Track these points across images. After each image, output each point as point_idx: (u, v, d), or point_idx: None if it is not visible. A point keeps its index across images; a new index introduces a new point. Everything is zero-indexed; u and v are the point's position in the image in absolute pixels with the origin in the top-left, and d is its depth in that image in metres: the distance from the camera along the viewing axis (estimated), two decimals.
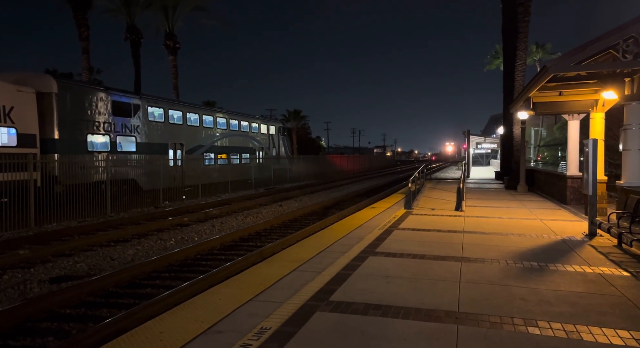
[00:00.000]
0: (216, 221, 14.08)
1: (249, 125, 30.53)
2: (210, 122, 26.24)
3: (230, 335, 3.87)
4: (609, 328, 4.00)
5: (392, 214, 11.39)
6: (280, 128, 35.58)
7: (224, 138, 27.44)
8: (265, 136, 32.66)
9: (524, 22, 20.47)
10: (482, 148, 55.84)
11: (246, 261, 8.21)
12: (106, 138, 19.18)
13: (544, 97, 13.33)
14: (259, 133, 31.87)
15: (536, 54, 49.82)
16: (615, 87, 9.71)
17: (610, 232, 7.87)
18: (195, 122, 24.95)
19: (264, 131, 32.72)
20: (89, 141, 18.40)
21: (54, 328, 5.60)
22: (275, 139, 34.47)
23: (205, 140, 25.53)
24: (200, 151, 24.88)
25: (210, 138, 26.11)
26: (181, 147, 23.48)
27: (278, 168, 31.02)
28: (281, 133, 35.65)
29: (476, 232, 8.86)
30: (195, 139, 24.60)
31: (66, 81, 21.89)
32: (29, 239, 10.75)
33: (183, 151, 23.55)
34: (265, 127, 32.87)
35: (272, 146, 33.72)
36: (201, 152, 24.95)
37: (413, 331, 3.95)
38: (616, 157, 14.38)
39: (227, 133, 27.83)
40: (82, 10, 28.29)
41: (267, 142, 32.84)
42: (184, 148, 23.63)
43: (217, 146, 26.73)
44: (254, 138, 31.09)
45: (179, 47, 35.94)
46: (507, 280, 5.50)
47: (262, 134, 32.21)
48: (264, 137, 32.46)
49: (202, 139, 25.26)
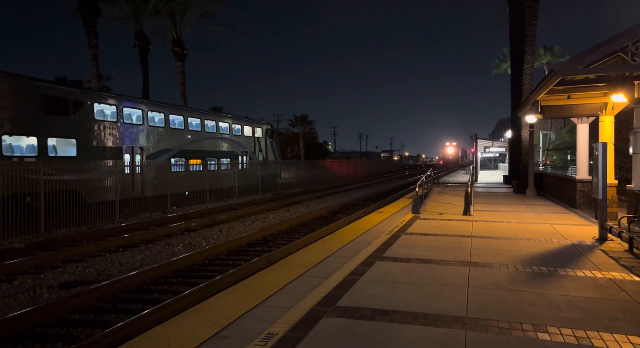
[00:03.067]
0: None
1: (229, 127, 27.09)
2: (180, 123, 22.97)
3: (238, 341, 3.87)
4: (620, 334, 3.94)
5: (400, 219, 11.34)
6: (267, 130, 31.85)
7: (197, 141, 24.09)
8: (249, 139, 29.21)
9: (532, 26, 20.38)
10: (490, 151, 55.56)
11: (253, 266, 8.21)
12: (32, 140, 15.52)
13: (552, 101, 13.24)
14: (242, 135, 28.40)
15: (544, 58, 49.57)
16: (624, 90, 9.62)
17: (621, 237, 7.77)
18: (161, 123, 21.53)
19: (248, 133, 29.18)
20: (5, 143, 14.64)
21: (63, 333, 5.64)
22: (262, 142, 30.87)
23: (173, 143, 22.18)
24: (165, 156, 21.54)
25: (179, 140, 22.75)
26: (141, 151, 20.10)
27: (267, 174, 28.80)
28: (269, 136, 31.97)
29: (484, 237, 8.79)
30: (159, 142, 21.22)
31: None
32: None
33: (143, 156, 20.16)
34: (249, 130, 29.33)
35: (259, 150, 30.26)
36: (167, 157, 21.63)
37: (421, 336, 3.92)
38: (626, 160, 14.23)
39: (201, 135, 24.43)
40: (92, 18, 28.62)
41: (252, 145, 29.43)
42: (144, 152, 20.23)
43: (189, 150, 23.34)
44: (236, 141, 27.62)
45: (187, 53, 36.24)
46: (516, 285, 5.45)
47: (245, 136, 28.75)
48: (248, 140, 29.02)
49: (169, 142, 21.88)
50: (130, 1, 31.86)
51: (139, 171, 19.45)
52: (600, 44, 8.72)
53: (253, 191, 25.67)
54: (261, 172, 27.65)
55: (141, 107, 20.58)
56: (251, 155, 29.12)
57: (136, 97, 21.90)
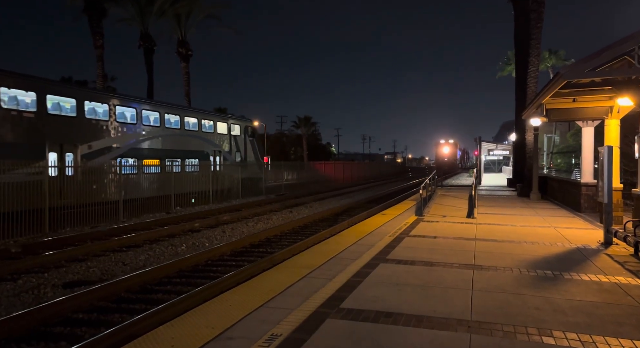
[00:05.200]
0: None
1: (198, 123, 23.71)
2: (131, 117, 19.45)
3: (241, 342, 3.86)
4: (626, 338, 3.92)
5: (403, 221, 11.32)
6: (247, 128, 28.33)
7: (155, 138, 20.53)
8: (224, 137, 25.84)
9: (537, 29, 20.36)
10: (494, 154, 55.55)
11: (256, 267, 8.21)
12: None
13: (557, 104, 13.21)
14: (215, 132, 25.02)
15: (549, 61, 49.51)
16: (630, 93, 9.59)
17: (627, 241, 7.72)
18: (103, 116, 17.96)
19: (222, 130, 25.77)
20: None
21: (67, 332, 5.65)
22: (240, 141, 27.49)
23: (120, 140, 18.67)
24: (109, 156, 18.04)
25: (130, 137, 19.17)
26: (73, 149, 16.56)
27: (247, 176, 26.07)
28: (249, 134, 28.39)
29: (488, 240, 8.76)
30: (101, 138, 17.73)
31: None
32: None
33: (77, 154, 16.60)
34: (223, 126, 25.91)
35: (236, 149, 26.88)
36: (112, 156, 18.20)
37: (425, 340, 3.91)
38: (632, 164, 14.16)
39: (161, 132, 20.84)
40: (98, 18, 28.78)
41: (227, 144, 26.10)
42: (79, 150, 16.66)
43: (144, 149, 19.85)
44: (207, 139, 24.29)
45: (191, 54, 36.38)
46: (521, 289, 5.42)
47: (219, 134, 25.39)
48: (222, 138, 25.68)
49: (113, 138, 18.32)
50: (135, 2, 32.04)
51: (72, 173, 15.73)
52: (606, 48, 8.70)
53: (229, 196, 23.19)
54: (240, 174, 24.97)
55: (75, 95, 16.97)
56: (226, 155, 25.78)
57: (69, 84, 18.70)
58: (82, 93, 17.62)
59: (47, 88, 15.91)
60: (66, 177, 15.19)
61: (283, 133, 78.08)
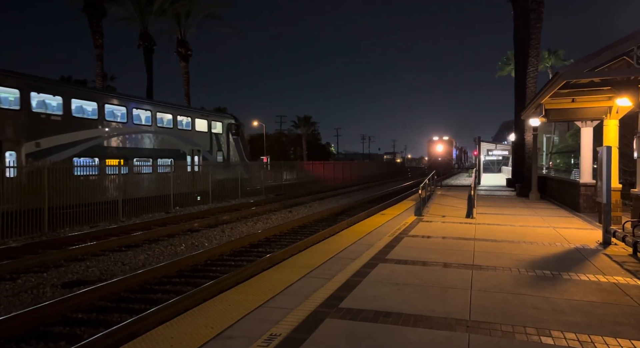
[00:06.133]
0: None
1: (173, 119, 21.54)
2: (92, 112, 17.36)
3: (241, 341, 3.87)
4: (624, 338, 3.93)
5: (403, 221, 11.34)
6: (230, 125, 26.19)
7: (120, 136, 18.56)
8: (203, 135, 23.99)
9: (536, 29, 20.37)
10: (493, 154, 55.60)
11: (256, 267, 8.21)
12: None
13: (556, 104, 13.22)
14: (193, 130, 23.12)
15: (548, 61, 49.55)
16: (629, 94, 9.61)
17: (625, 241, 7.74)
18: (57, 110, 16.10)
19: (202, 128, 23.88)
20: None
21: (66, 332, 5.66)
22: (223, 139, 25.57)
23: (77, 138, 16.71)
24: (63, 154, 16.12)
25: (88, 134, 17.15)
26: (16, 147, 14.70)
27: (229, 177, 24.33)
28: (232, 132, 26.34)
29: (487, 240, 8.78)
30: (52, 135, 15.83)
31: None
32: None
33: (21, 153, 14.70)
34: (203, 124, 24.00)
35: (217, 148, 24.99)
36: (68, 155, 16.27)
37: (424, 339, 3.92)
38: (631, 164, 14.18)
39: (128, 129, 18.80)
40: (97, 18, 28.75)
41: (207, 143, 24.22)
42: (23, 148, 14.77)
43: (107, 148, 17.82)
44: (182, 137, 22.28)
45: (191, 54, 36.35)
46: (520, 289, 5.43)
47: (198, 132, 23.51)
48: (201, 136, 23.79)
49: (69, 135, 16.42)
50: (135, 1, 32.02)
51: (12, 175, 13.52)
52: (605, 48, 8.71)
53: (206, 199, 21.54)
54: (222, 176, 23.39)
55: (19, 86, 14.80)
56: (206, 155, 23.94)
57: (11, 71, 15.23)
58: (27, 83, 15.10)
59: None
60: (6, 179, 13.18)
61: (283, 132, 78.09)
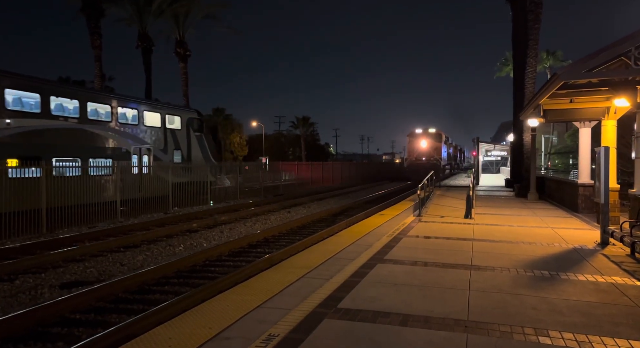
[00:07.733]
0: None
1: (111, 111, 18.17)
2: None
3: (239, 342, 3.87)
4: (622, 338, 3.94)
5: (401, 222, 11.34)
6: (191, 120, 22.91)
7: (32, 131, 15.13)
8: (155, 131, 20.58)
9: (535, 30, 20.41)
10: (492, 155, 55.68)
11: (254, 267, 8.21)
12: None
13: (554, 105, 13.25)
14: (140, 125, 19.73)
15: (547, 62, 49.66)
16: (627, 94, 9.62)
17: (623, 241, 7.76)
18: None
19: (153, 123, 20.51)
20: None
21: (64, 333, 5.65)
22: (182, 136, 22.28)
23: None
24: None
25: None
26: None
27: (193, 180, 21.50)
28: (194, 128, 23.05)
29: (486, 240, 8.79)
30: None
31: None
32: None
33: None
34: (155, 118, 20.64)
35: (174, 147, 21.67)
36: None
37: (422, 340, 3.92)
38: (629, 165, 14.20)
39: (42, 122, 15.40)
40: (96, 18, 28.74)
41: (161, 141, 20.86)
42: None
43: (12, 145, 14.34)
44: (124, 132, 18.87)
45: (190, 54, 36.33)
46: (518, 289, 5.44)
47: (148, 127, 20.15)
48: (152, 132, 20.40)
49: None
50: (134, 2, 31.99)
51: None
52: (603, 49, 8.72)
53: (158, 205, 18.35)
54: (181, 178, 20.51)
55: None
56: (159, 154, 20.66)
57: None
58: None
59: None
60: None
61: (281, 133, 78.10)
